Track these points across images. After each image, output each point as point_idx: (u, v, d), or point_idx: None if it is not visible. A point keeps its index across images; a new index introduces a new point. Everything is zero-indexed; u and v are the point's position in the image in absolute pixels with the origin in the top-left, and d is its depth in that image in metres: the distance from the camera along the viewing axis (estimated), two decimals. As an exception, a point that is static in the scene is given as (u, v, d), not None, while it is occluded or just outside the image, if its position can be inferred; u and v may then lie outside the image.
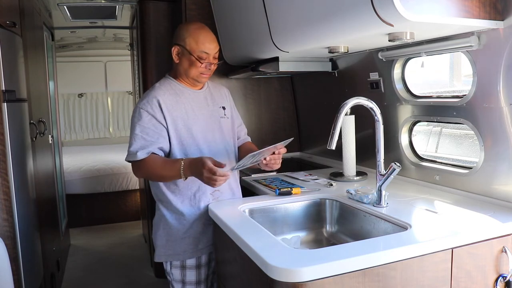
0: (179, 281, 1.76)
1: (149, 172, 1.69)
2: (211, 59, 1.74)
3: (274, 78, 2.99)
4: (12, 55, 2.14)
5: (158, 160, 1.67)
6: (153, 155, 1.67)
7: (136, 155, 1.65)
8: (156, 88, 1.77)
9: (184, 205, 1.73)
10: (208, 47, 1.72)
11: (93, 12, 3.86)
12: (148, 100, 1.71)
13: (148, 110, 1.68)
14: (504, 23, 1.40)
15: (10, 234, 1.98)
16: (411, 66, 1.99)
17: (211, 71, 1.76)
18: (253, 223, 1.48)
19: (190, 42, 1.72)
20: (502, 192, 1.56)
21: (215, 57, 1.76)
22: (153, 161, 1.67)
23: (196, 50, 1.71)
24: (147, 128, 1.67)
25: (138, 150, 1.65)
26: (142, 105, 1.70)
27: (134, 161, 1.68)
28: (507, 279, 1.34)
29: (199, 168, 1.54)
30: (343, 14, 1.44)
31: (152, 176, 1.72)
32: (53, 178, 3.43)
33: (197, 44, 1.71)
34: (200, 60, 1.72)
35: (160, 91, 1.74)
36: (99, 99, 6.69)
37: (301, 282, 1.07)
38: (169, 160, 1.69)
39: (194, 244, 1.74)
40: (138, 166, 1.69)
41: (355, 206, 1.65)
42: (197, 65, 1.72)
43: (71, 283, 3.34)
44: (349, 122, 2.12)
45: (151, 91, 1.75)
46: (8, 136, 1.97)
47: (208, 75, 1.77)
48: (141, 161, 1.66)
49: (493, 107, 1.53)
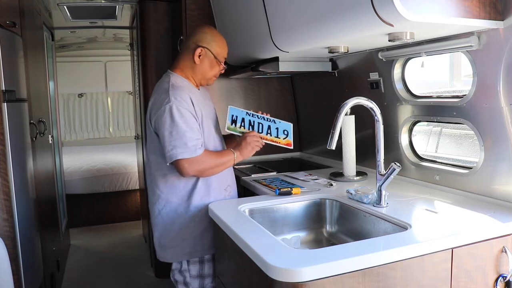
0: (196, 276, 1.81)
1: (209, 165, 1.73)
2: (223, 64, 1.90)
3: (274, 78, 2.99)
4: (12, 55, 2.14)
5: (214, 152, 1.79)
6: (206, 150, 1.75)
7: (196, 150, 1.68)
8: (179, 86, 1.78)
9: (202, 202, 1.78)
10: (226, 53, 1.90)
11: (93, 12, 3.86)
12: (182, 97, 1.72)
13: (186, 107, 1.71)
14: (504, 23, 1.40)
15: (10, 234, 1.98)
16: (411, 66, 1.99)
17: None
18: (253, 223, 1.48)
19: (216, 46, 1.84)
20: (502, 192, 1.56)
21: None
22: (210, 153, 1.76)
23: (220, 55, 1.86)
24: (192, 124, 1.71)
25: (196, 146, 1.68)
26: (178, 102, 1.70)
27: (189, 158, 1.67)
28: (507, 279, 1.34)
29: (242, 141, 1.80)
30: (343, 14, 1.44)
31: (210, 168, 1.75)
32: (53, 178, 3.43)
33: (221, 49, 1.86)
34: (219, 65, 1.87)
35: (186, 89, 1.79)
36: (99, 99, 6.69)
37: (301, 282, 1.07)
38: (221, 151, 1.83)
39: (212, 238, 1.78)
40: (195, 162, 1.68)
41: (355, 206, 1.65)
42: (217, 68, 1.86)
43: (71, 283, 3.34)
44: (349, 122, 2.12)
45: (179, 89, 1.75)
46: (8, 136, 1.97)
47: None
48: (198, 156, 1.69)
49: (493, 107, 1.53)
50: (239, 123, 1.83)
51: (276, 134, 1.87)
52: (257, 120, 1.86)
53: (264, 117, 1.89)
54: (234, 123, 1.82)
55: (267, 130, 1.86)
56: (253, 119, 1.86)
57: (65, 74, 5.75)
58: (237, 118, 1.82)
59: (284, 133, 1.88)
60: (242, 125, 1.84)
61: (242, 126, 1.84)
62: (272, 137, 1.86)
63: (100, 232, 4.55)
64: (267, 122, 1.88)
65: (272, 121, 1.89)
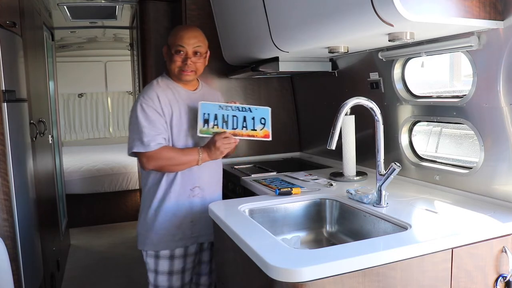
0: (152, 270, 1.87)
1: (166, 161, 1.76)
2: (189, 54, 1.80)
3: (274, 78, 2.99)
4: (12, 55, 2.14)
5: (175, 149, 1.79)
6: (166, 146, 1.77)
7: (150, 145, 1.72)
8: (154, 84, 1.85)
9: (162, 198, 1.83)
10: (185, 41, 1.79)
11: (93, 12, 3.86)
12: (149, 95, 1.79)
13: (150, 104, 1.76)
14: (504, 23, 1.40)
15: (10, 234, 1.98)
16: (411, 66, 1.99)
17: (191, 67, 1.81)
18: (253, 223, 1.48)
19: (170, 38, 1.83)
20: (502, 192, 1.56)
21: (196, 52, 1.81)
22: (169, 150, 1.77)
23: (173, 45, 1.80)
24: (153, 121, 1.75)
25: (150, 141, 1.72)
26: (144, 100, 1.78)
27: (145, 152, 1.73)
28: (507, 279, 1.34)
29: (211, 144, 1.75)
30: (343, 14, 1.44)
31: (168, 164, 1.77)
32: (53, 178, 3.43)
33: (175, 39, 1.80)
34: (176, 54, 1.79)
35: (158, 87, 1.83)
36: (99, 99, 6.69)
37: (301, 282, 1.07)
38: (186, 148, 1.81)
39: (170, 236, 1.83)
40: (151, 157, 1.74)
41: (355, 206, 1.65)
42: (174, 60, 1.80)
43: (71, 283, 3.34)
44: (349, 122, 2.12)
45: (150, 87, 1.84)
46: (8, 136, 1.97)
47: (190, 73, 1.82)
48: (155, 151, 1.74)
49: (493, 107, 1.53)
50: (211, 122, 1.76)
51: (253, 125, 1.79)
52: (230, 113, 1.77)
53: (239, 107, 1.79)
54: (206, 122, 1.75)
55: (243, 122, 1.78)
56: (227, 112, 1.77)
57: (65, 74, 5.75)
58: (210, 115, 1.75)
59: (261, 122, 1.79)
60: (215, 123, 1.76)
61: (215, 124, 1.76)
62: (248, 130, 1.78)
63: (100, 232, 4.55)
64: (242, 113, 1.78)
65: (247, 110, 1.79)
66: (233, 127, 1.77)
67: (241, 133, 1.78)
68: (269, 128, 1.80)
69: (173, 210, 1.84)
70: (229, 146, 1.77)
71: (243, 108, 1.79)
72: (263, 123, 1.79)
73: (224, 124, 1.77)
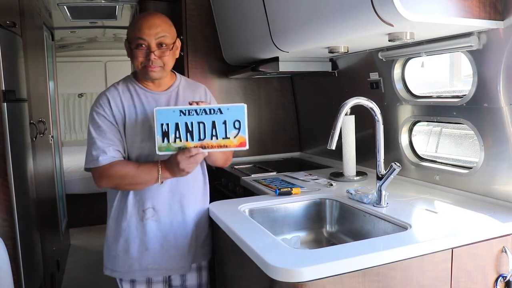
0: None
1: (119, 179, 1.50)
2: (152, 47, 1.49)
3: (274, 78, 2.99)
4: (12, 55, 2.14)
5: (130, 165, 1.51)
6: (121, 160, 1.51)
7: (98, 160, 1.48)
8: (110, 88, 1.61)
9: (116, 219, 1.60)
10: (145, 32, 1.48)
11: (93, 12, 3.86)
12: (100, 101, 1.55)
13: (101, 112, 1.53)
14: (504, 23, 1.40)
15: (10, 234, 1.98)
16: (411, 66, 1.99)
17: (156, 63, 1.50)
18: (253, 223, 1.48)
19: (129, 31, 1.54)
20: (502, 192, 1.56)
21: (160, 44, 1.50)
22: (122, 166, 1.50)
23: (133, 38, 1.51)
24: (104, 131, 1.51)
25: (99, 155, 1.49)
26: (95, 107, 1.55)
27: (96, 168, 1.50)
28: (507, 279, 1.34)
29: (173, 163, 1.43)
30: (343, 14, 1.44)
31: (122, 183, 1.51)
32: (53, 178, 3.43)
33: (133, 31, 1.50)
34: (136, 49, 1.49)
35: (113, 90, 1.59)
36: (99, 99, 6.69)
37: (301, 282, 1.07)
38: (144, 164, 1.51)
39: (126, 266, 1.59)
40: (102, 173, 1.50)
41: (355, 206, 1.65)
42: (135, 56, 1.50)
43: (71, 283, 3.34)
44: (349, 122, 2.12)
45: (104, 91, 1.60)
46: (8, 136, 1.97)
47: (155, 69, 1.51)
48: (106, 167, 1.48)
49: (493, 107, 1.53)
50: (172, 134, 1.40)
51: (225, 132, 1.42)
52: (195, 120, 1.41)
53: (205, 109, 1.40)
54: (166, 136, 1.40)
55: (211, 130, 1.42)
56: (190, 119, 1.41)
57: (65, 74, 5.75)
58: (169, 126, 1.40)
59: (235, 127, 1.42)
60: (178, 135, 1.41)
61: (177, 137, 1.41)
62: (219, 139, 1.42)
63: (100, 232, 4.50)
64: (210, 117, 1.41)
65: (216, 111, 1.41)
66: (200, 137, 1.42)
67: (211, 145, 1.42)
68: (245, 133, 1.43)
69: (126, 234, 1.57)
70: (196, 164, 1.45)
71: (211, 110, 1.41)
72: (238, 127, 1.43)
73: (188, 135, 1.41)
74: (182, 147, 1.42)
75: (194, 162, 1.43)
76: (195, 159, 1.41)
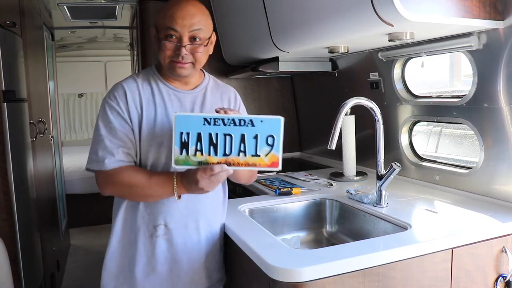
0: None
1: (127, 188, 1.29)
2: (183, 40, 1.27)
3: (274, 78, 2.99)
4: (12, 55, 2.14)
5: (141, 173, 1.29)
6: (130, 166, 1.30)
7: (104, 163, 1.26)
8: (128, 78, 1.37)
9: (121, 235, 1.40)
10: (178, 22, 1.25)
11: (93, 12, 3.86)
12: (115, 93, 1.32)
13: (114, 106, 1.30)
14: (504, 23, 1.40)
15: (10, 234, 1.98)
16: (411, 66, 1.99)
17: (186, 58, 1.29)
18: (253, 223, 1.48)
19: (159, 18, 1.31)
20: (502, 192, 1.56)
21: (194, 38, 1.28)
22: (132, 173, 1.28)
23: (162, 27, 1.29)
24: (115, 128, 1.29)
25: (105, 157, 1.27)
26: (108, 99, 1.32)
27: (101, 171, 1.28)
28: (507, 279, 1.34)
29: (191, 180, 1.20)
30: (343, 14, 1.44)
31: (130, 192, 1.31)
32: (53, 178, 3.43)
33: (164, 19, 1.28)
34: (165, 40, 1.28)
35: (132, 82, 1.35)
36: (99, 99, 6.68)
37: (301, 282, 1.07)
38: (157, 174, 1.29)
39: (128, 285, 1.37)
40: (107, 179, 1.29)
41: (355, 206, 1.65)
42: (163, 48, 1.29)
43: (71, 283, 3.33)
44: (349, 122, 2.12)
45: (122, 82, 1.36)
46: (8, 136, 1.97)
47: (185, 65, 1.30)
48: (112, 172, 1.27)
49: (493, 107, 1.53)
50: (192, 145, 1.17)
51: (255, 149, 1.18)
52: (222, 131, 1.17)
53: (235, 118, 1.16)
54: (185, 147, 1.17)
55: (239, 145, 1.17)
56: (216, 129, 1.17)
57: (65, 74, 5.75)
58: (190, 135, 1.16)
59: (267, 143, 1.18)
60: (199, 148, 1.17)
61: (198, 150, 1.17)
62: (248, 157, 1.18)
63: (100, 232, 4.54)
64: (239, 128, 1.17)
65: (247, 123, 1.17)
66: (225, 152, 1.18)
67: (237, 162, 1.19)
68: (279, 152, 1.19)
69: (132, 250, 1.36)
70: (218, 183, 1.21)
71: (241, 121, 1.17)
72: (271, 143, 1.18)
73: (211, 148, 1.17)
74: (203, 162, 1.18)
75: (216, 181, 1.19)
76: (217, 178, 1.17)
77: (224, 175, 1.18)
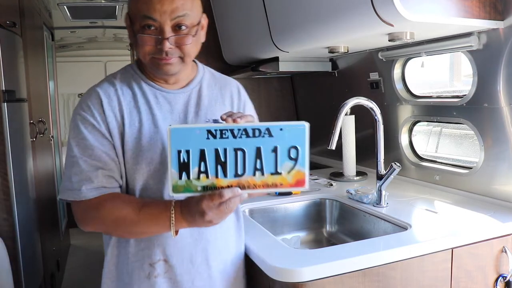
0: None
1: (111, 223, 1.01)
2: (166, 31, 0.98)
3: (274, 78, 2.99)
4: (12, 55, 2.14)
5: (129, 204, 1.00)
6: (114, 194, 1.02)
7: (81, 191, 1.00)
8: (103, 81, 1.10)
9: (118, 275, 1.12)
10: (156, 8, 0.96)
11: (93, 12, 3.86)
12: (87, 99, 1.05)
13: (86, 117, 1.03)
14: (504, 23, 1.40)
15: (10, 234, 1.98)
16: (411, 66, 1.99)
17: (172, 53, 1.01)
18: (253, 223, 1.48)
19: (131, 5, 1.02)
20: (502, 192, 1.56)
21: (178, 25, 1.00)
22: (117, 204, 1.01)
23: (137, 16, 0.99)
24: (90, 147, 1.02)
25: (82, 183, 1.00)
26: (79, 108, 1.05)
27: (78, 202, 1.01)
28: (507, 279, 1.34)
29: (195, 211, 0.91)
30: (343, 14, 1.44)
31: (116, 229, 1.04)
32: (53, 178, 3.43)
33: (137, 5, 0.99)
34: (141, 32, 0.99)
35: (108, 86, 1.07)
36: (99, 99, 6.70)
37: (301, 282, 1.07)
38: (149, 204, 1.00)
39: None
40: (86, 211, 1.02)
41: (355, 206, 1.65)
42: (140, 42, 1.00)
43: (71, 283, 3.34)
44: (349, 122, 2.12)
45: (95, 85, 1.09)
46: (8, 136, 1.97)
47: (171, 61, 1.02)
48: (92, 203, 1.01)
49: (493, 107, 1.53)
50: (195, 165, 0.89)
51: (275, 165, 0.92)
52: (231, 145, 0.90)
53: (246, 128, 0.90)
54: (185, 170, 0.89)
55: (255, 161, 0.91)
56: (223, 143, 0.89)
57: (65, 74, 5.75)
58: (191, 153, 0.88)
59: (290, 157, 0.93)
60: (203, 169, 0.90)
61: (203, 171, 0.90)
62: (266, 176, 0.92)
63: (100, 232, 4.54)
64: (254, 141, 0.90)
65: (263, 133, 0.91)
66: (237, 172, 0.91)
67: (253, 183, 0.92)
68: (305, 167, 0.95)
69: None
70: (229, 213, 0.92)
71: (255, 131, 0.90)
72: (294, 157, 0.94)
73: (219, 168, 0.90)
74: (209, 187, 0.91)
75: (228, 211, 0.90)
76: (228, 206, 0.89)
77: (237, 201, 0.90)
